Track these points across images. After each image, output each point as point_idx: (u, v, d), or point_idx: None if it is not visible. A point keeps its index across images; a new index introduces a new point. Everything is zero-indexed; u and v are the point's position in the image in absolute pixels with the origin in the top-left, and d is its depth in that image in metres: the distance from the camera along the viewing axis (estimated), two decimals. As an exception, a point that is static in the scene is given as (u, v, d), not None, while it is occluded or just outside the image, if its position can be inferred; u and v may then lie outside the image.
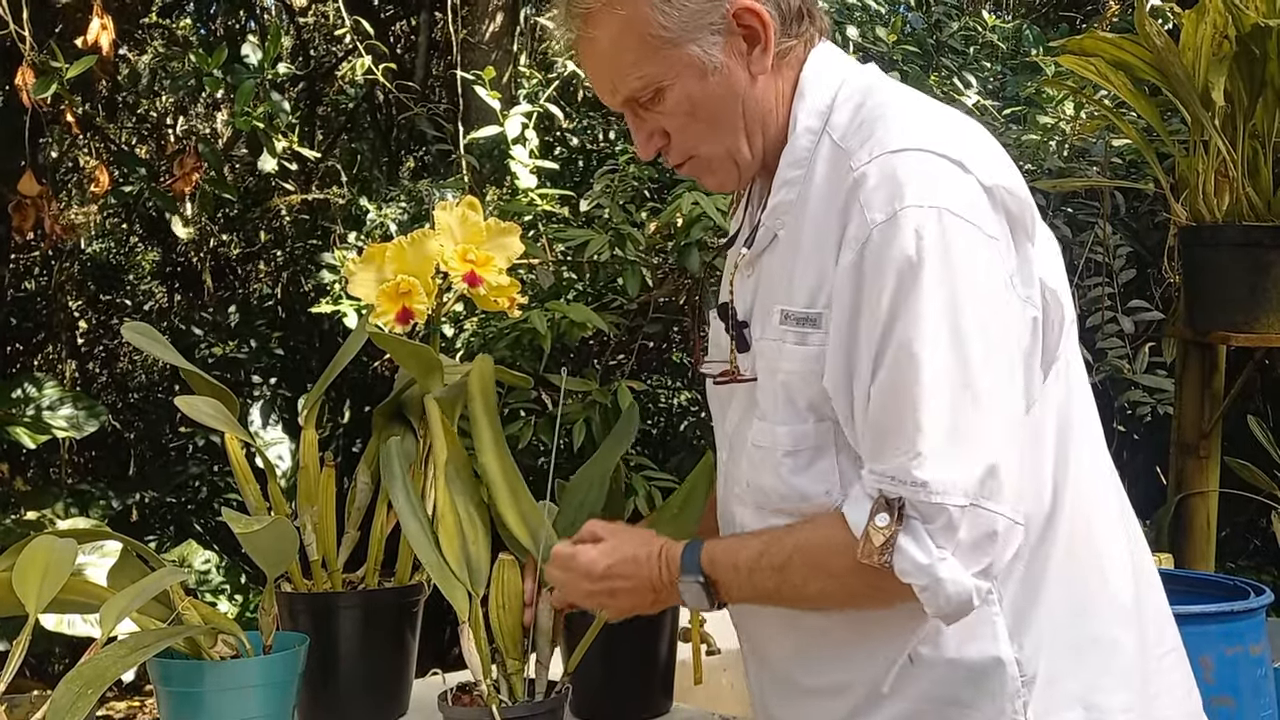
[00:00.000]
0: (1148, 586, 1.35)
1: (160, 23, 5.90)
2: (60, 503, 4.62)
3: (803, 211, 1.27)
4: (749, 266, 1.35)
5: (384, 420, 1.78)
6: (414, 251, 1.75)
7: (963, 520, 1.13)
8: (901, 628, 1.25)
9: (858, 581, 1.20)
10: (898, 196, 1.17)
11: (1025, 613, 1.24)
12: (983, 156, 1.23)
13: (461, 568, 1.55)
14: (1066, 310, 1.29)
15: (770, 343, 1.29)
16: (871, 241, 1.17)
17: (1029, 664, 1.24)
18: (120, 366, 6.70)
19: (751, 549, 1.28)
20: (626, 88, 1.30)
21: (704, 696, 2.00)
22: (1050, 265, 1.29)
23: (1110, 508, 1.34)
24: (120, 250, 6.78)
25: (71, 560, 1.36)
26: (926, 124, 1.24)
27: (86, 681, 1.23)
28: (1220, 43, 2.58)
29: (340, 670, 1.70)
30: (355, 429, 4.96)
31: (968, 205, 1.18)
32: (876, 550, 1.15)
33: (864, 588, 1.21)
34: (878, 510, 1.16)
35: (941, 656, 1.24)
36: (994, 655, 1.23)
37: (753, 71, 1.29)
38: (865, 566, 1.16)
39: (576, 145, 4.47)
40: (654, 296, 3.67)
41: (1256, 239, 2.67)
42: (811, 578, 1.24)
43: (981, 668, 1.24)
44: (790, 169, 1.29)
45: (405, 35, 6.43)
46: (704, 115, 1.30)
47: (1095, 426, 1.36)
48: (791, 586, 1.25)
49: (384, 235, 4.01)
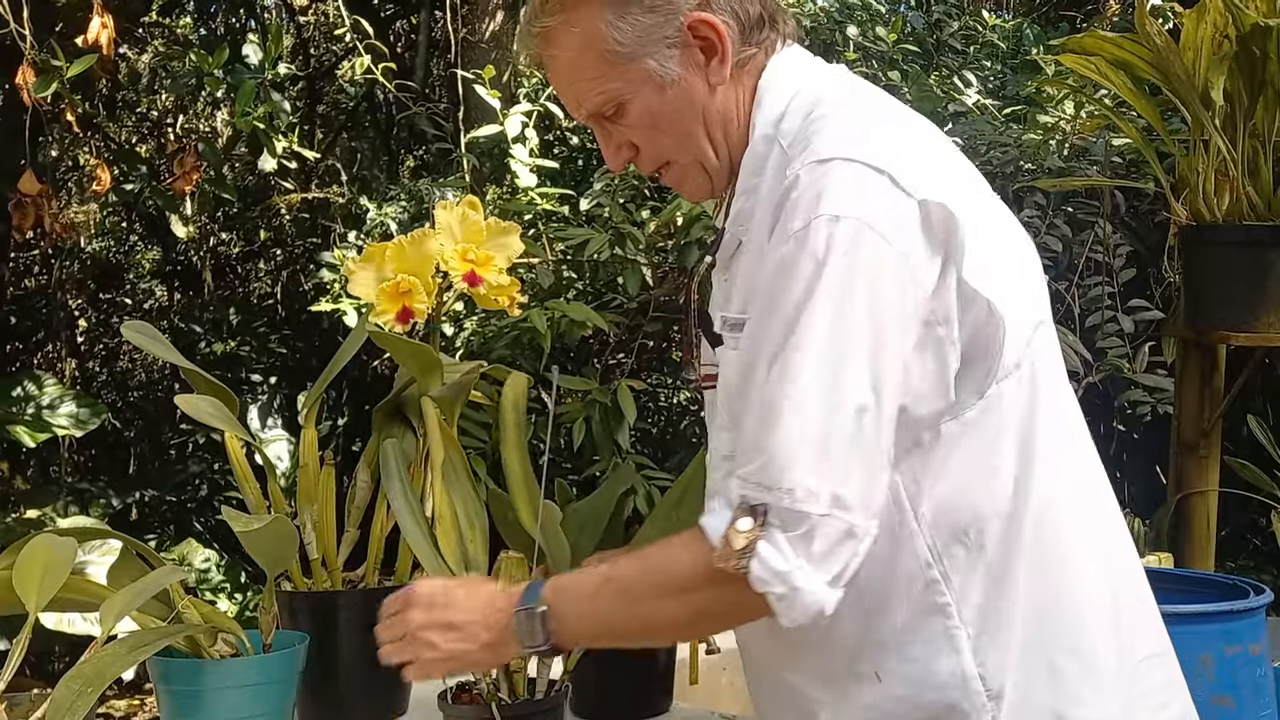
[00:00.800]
0: (1126, 593, 1.32)
1: (160, 21, 5.90)
2: (60, 501, 4.62)
3: (754, 218, 1.28)
4: (723, 271, 1.36)
5: (383, 419, 1.78)
6: (414, 250, 1.75)
7: (819, 528, 1.13)
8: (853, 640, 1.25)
9: (708, 596, 1.19)
10: (815, 206, 1.16)
11: (990, 624, 1.22)
12: (916, 169, 1.21)
13: (460, 567, 1.55)
14: (1023, 316, 1.25)
15: (721, 350, 1.31)
16: (787, 249, 1.17)
17: (994, 678, 1.21)
18: (120, 365, 6.70)
19: (597, 574, 1.27)
20: (589, 103, 1.32)
21: (703, 695, 2.00)
22: (998, 273, 1.24)
23: (1086, 513, 1.31)
24: (120, 249, 6.79)
25: (71, 559, 1.36)
26: (862, 134, 1.23)
27: (87, 680, 1.23)
28: (1220, 42, 2.58)
29: (340, 669, 1.70)
30: (355, 428, 4.97)
31: (885, 219, 1.16)
32: (735, 554, 1.13)
33: (714, 602, 1.19)
34: (740, 515, 1.14)
35: (904, 672, 1.23)
36: (957, 670, 1.22)
37: (711, 82, 1.29)
38: (716, 579, 1.15)
39: (576, 144, 4.47)
40: (654, 295, 3.67)
41: (1257, 238, 2.67)
42: (658, 597, 1.22)
43: (945, 683, 1.22)
44: (749, 176, 1.29)
45: (405, 34, 6.43)
46: (666, 126, 1.31)
47: (1070, 429, 1.32)
48: (636, 609, 1.24)
49: (384, 234, 4.02)
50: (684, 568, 1.19)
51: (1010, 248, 1.31)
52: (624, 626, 1.27)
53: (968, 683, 1.21)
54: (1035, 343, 1.27)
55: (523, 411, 1.70)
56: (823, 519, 1.13)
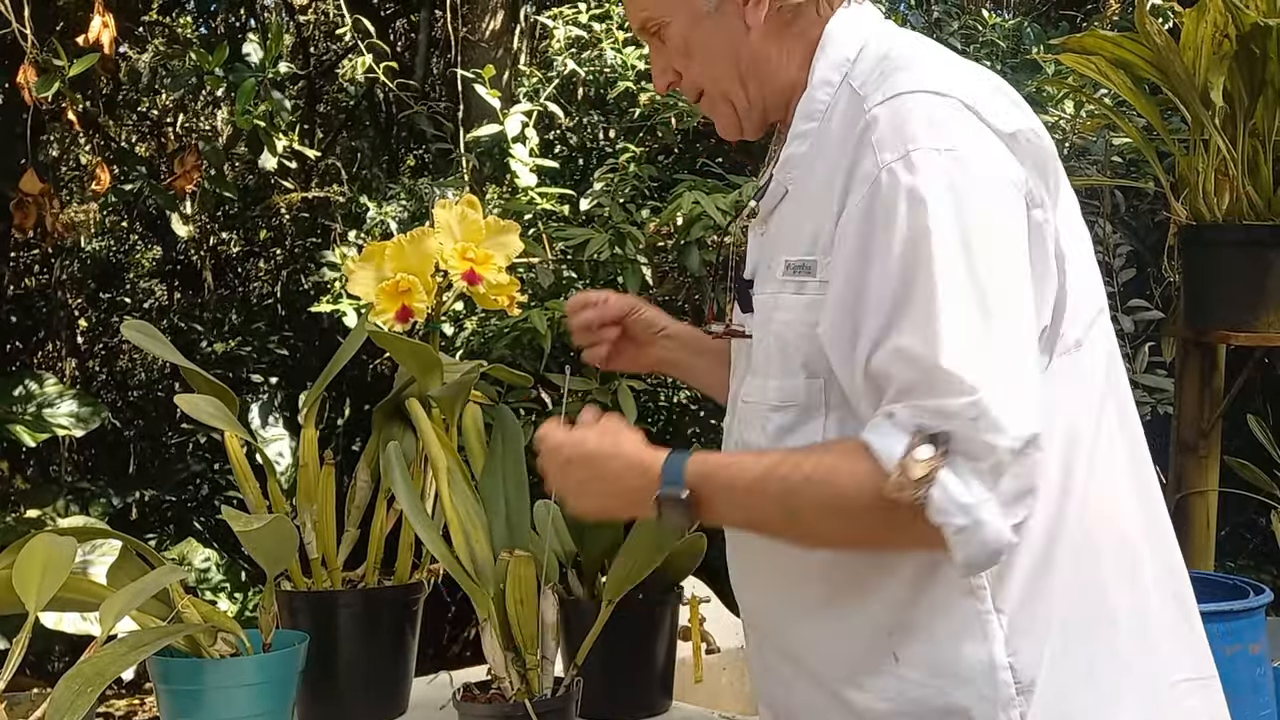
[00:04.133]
0: (1173, 608, 1.28)
1: (161, 20, 5.90)
2: (60, 500, 4.62)
3: (814, 163, 1.25)
4: (760, 224, 1.35)
5: (384, 419, 1.78)
6: (413, 250, 1.75)
7: (1010, 465, 1.07)
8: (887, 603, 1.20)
9: (877, 520, 1.12)
10: (910, 138, 1.14)
11: (1026, 614, 1.17)
12: (1002, 105, 1.20)
13: (470, 565, 1.54)
14: (1086, 293, 1.23)
15: (768, 296, 1.28)
16: (880, 184, 1.14)
17: (1026, 671, 1.16)
18: (120, 364, 6.70)
19: (754, 469, 1.19)
20: (635, 18, 1.37)
21: (704, 695, 2.01)
22: (1072, 235, 1.22)
23: (1138, 521, 1.26)
24: (120, 248, 6.79)
25: (71, 558, 1.36)
26: (945, 72, 1.21)
27: (86, 680, 1.23)
28: (1220, 41, 2.58)
29: (340, 669, 1.70)
30: (355, 427, 4.97)
31: (981, 149, 1.15)
32: (912, 484, 1.06)
33: (883, 528, 1.13)
34: (919, 443, 1.07)
35: (927, 655, 1.18)
36: (984, 658, 1.16)
37: (748, 23, 1.30)
38: (888, 506, 1.08)
39: (576, 144, 4.47)
40: (654, 296, 3.67)
41: (1257, 238, 2.67)
42: (824, 511, 1.15)
43: (970, 670, 1.17)
44: (804, 121, 1.28)
45: (405, 33, 6.43)
46: (698, 56, 1.33)
47: (1127, 430, 1.28)
48: (796, 518, 1.17)
49: (384, 233, 4.02)
50: (852, 488, 1.12)
51: (1078, 219, 1.28)
52: (774, 529, 1.22)
53: (995, 673, 1.16)
54: (1095, 330, 1.25)
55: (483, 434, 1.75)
56: (1013, 454, 1.07)
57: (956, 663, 1.17)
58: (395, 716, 1.75)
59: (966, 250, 1.11)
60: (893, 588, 1.19)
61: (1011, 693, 1.16)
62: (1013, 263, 1.14)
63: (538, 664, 1.53)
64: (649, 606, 1.77)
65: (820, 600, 1.25)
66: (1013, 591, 1.17)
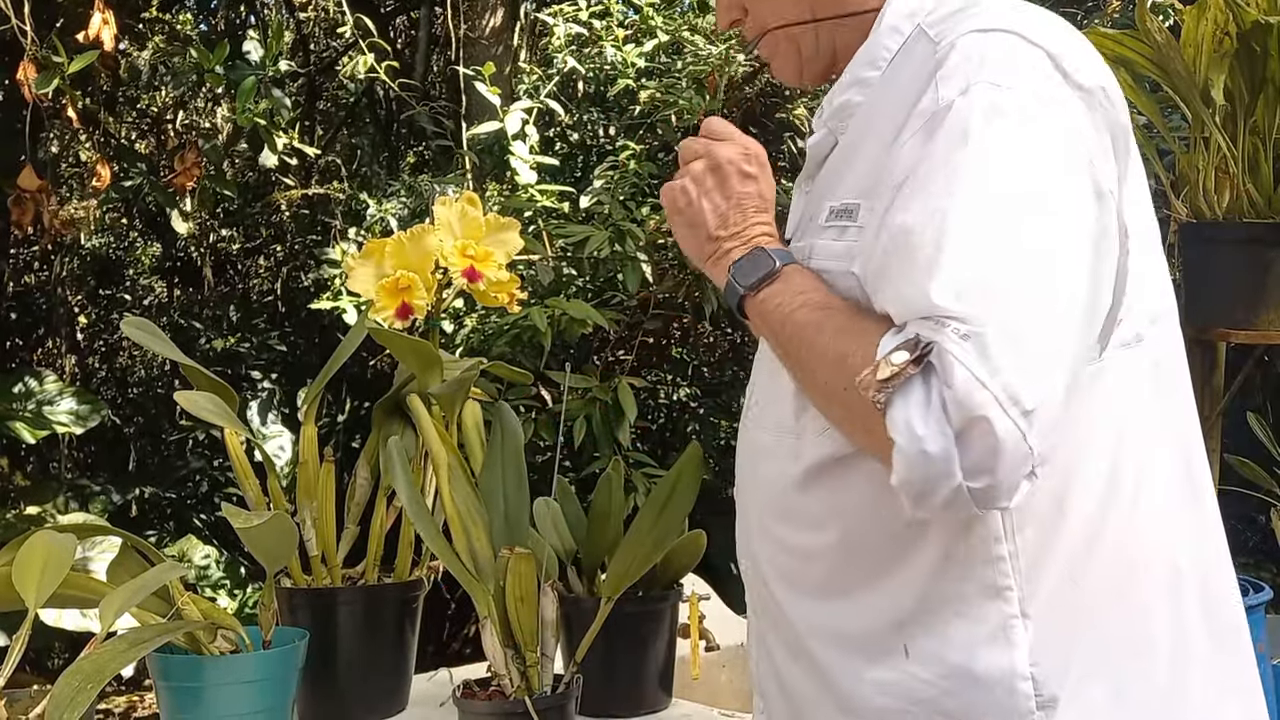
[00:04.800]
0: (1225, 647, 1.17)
1: (161, 18, 5.89)
2: (60, 497, 4.62)
3: (872, 113, 1.17)
4: (807, 180, 1.27)
5: (383, 416, 1.78)
6: (413, 247, 1.75)
7: (984, 414, 0.95)
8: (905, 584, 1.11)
9: (849, 404, 1.05)
10: (978, 73, 1.06)
11: (1056, 625, 1.08)
12: (1085, 58, 1.10)
13: (470, 562, 1.55)
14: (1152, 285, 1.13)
15: (805, 244, 1.20)
16: (937, 117, 1.06)
17: (1048, 684, 1.06)
18: (120, 361, 6.70)
19: (810, 302, 1.12)
20: None
21: (703, 692, 2.01)
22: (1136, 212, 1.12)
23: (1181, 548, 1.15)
24: (120, 245, 6.78)
25: (71, 555, 1.36)
26: (1027, 17, 1.12)
27: (86, 676, 1.23)
28: (1221, 39, 2.58)
29: (340, 666, 1.70)
30: (355, 424, 4.97)
31: (1051, 96, 1.06)
32: (876, 383, 0.99)
33: (851, 414, 1.06)
34: (901, 347, 0.99)
35: (941, 654, 1.09)
36: (1005, 665, 1.07)
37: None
38: (858, 394, 1.02)
39: (577, 141, 4.47)
40: (654, 293, 3.67)
41: (1257, 235, 2.66)
42: (820, 377, 1.09)
43: (987, 676, 1.07)
44: (866, 68, 1.20)
45: (405, 30, 6.43)
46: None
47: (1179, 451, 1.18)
48: (809, 355, 1.11)
49: (384, 230, 4.02)
50: (842, 366, 1.05)
51: (1147, 201, 1.18)
52: (794, 358, 1.15)
53: (1014, 683, 1.06)
54: (1159, 329, 1.16)
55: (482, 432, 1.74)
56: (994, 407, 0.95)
57: (973, 666, 1.08)
58: (395, 713, 1.75)
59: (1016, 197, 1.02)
60: (908, 576, 1.10)
61: (1031, 705, 1.07)
62: (1066, 223, 1.03)
63: (537, 661, 1.53)
64: (649, 604, 1.77)
65: (825, 579, 1.17)
66: (1043, 598, 1.08)
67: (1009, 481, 0.97)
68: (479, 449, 1.71)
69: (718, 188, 1.22)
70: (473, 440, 1.73)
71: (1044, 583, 1.08)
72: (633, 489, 3.29)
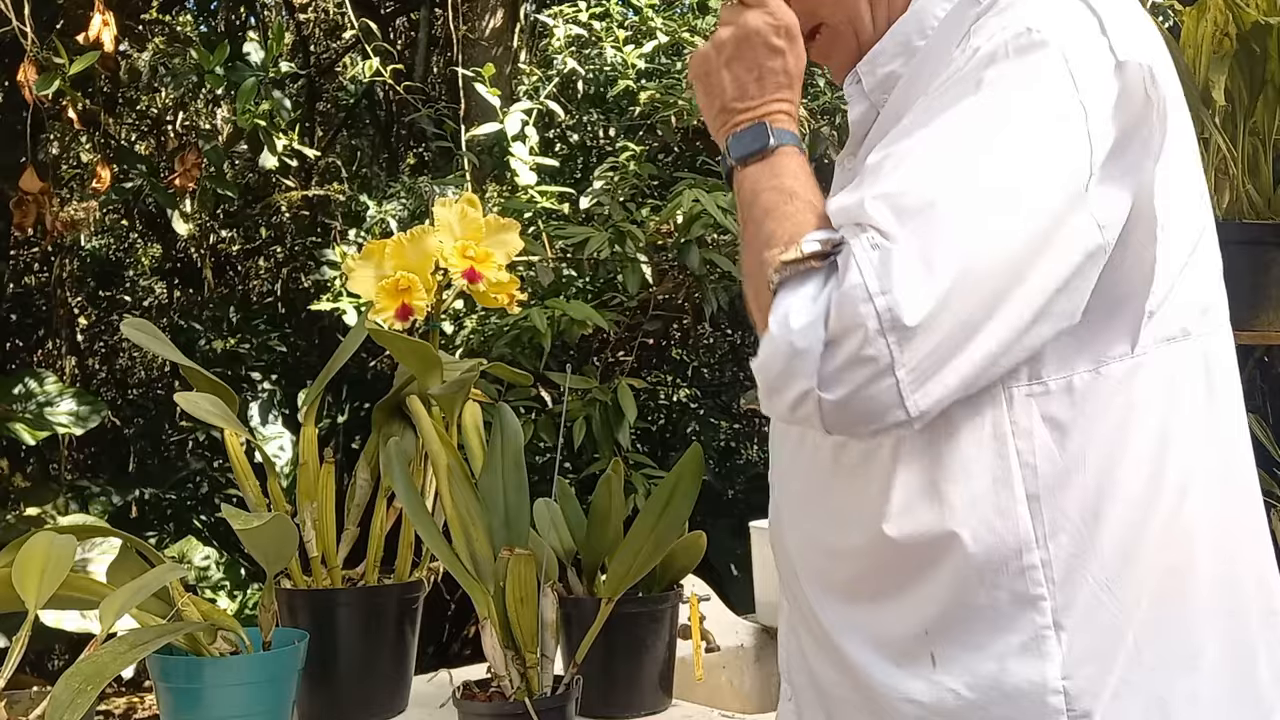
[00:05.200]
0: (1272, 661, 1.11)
1: (161, 19, 5.89)
2: (60, 499, 4.62)
3: (913, 81, 1.14)
4: (849, 155, 1.24)
5: (384, 417, 1.78)
6: (413, 248, 1.75)
7: (861, 325, 0.93)
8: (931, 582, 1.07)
9: (760, 276, 1.03)
10: (1010, 23, 1.02)
11: (1092, 636, 1.03)
12: (1132, 29, 1.04)
13: (470, 563, 1.55)
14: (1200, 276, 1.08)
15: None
16: (956, 64, 1.03)
17: (1082, 699, 1.01)
18: (120, 363, 6.70)
19: (780, 186, 1.10)
20: None
21: (703, 694, 2.01)
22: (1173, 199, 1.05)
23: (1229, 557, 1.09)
24: (120, 246, 6.78)
25: (71, 556, 1.36)
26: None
27: (86, 678, 1.23)
28: (1221, 40, 2.58)
29: (339, 667, 1.70)
30: (355, 426, 4.97)
31: (1083, 60, 1.00)
32: (777, 265, 0.98)
33: (760, 284, 1.03)
34: (820, 241, 0.98)
35: (969, 664, 1.04)
36: (1036, 678, 1.02)
37: None
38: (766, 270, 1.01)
39: (577, 142, 4.47)
40: (654, 294, 3.67)
41: (1257, 236, 2.66)
42: (760, 244, 1.06)
43: (1015, 690, 1.02)
44: (915, 36, 1.17)
45: (405, 31, 6.43)
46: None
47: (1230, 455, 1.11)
48: (753, 235, 1.08)
49: (384, 231, 4.02)
50: (776, 239, 1.03)
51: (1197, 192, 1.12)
52: (744, 236, 1.12)
53: (1045, 696, 1.02)
54: (1209, 325, 1.10)
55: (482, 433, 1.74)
56: (867, 319, 0.93)
57: (1002, 678, 1.03)
58: (395, 714, 1.75)
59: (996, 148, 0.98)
60: (937, 583, 1.06)
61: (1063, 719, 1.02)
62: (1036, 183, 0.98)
63: (537, 662, 1.53)
64: (649, 605, 1.77)
65: (854, 580, 1.13)
66: (1078, 608, 1.03)
67: (864, 408, 0.95)
68: (479, 450, 1.71)
69: (740, 59, 1.18)
70: (472, 442, 1.74)
71: (1079, 593, 1.03)
72: (633, 490, 3.29)
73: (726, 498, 4.25)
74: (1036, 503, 1.03)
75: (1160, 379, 1.05)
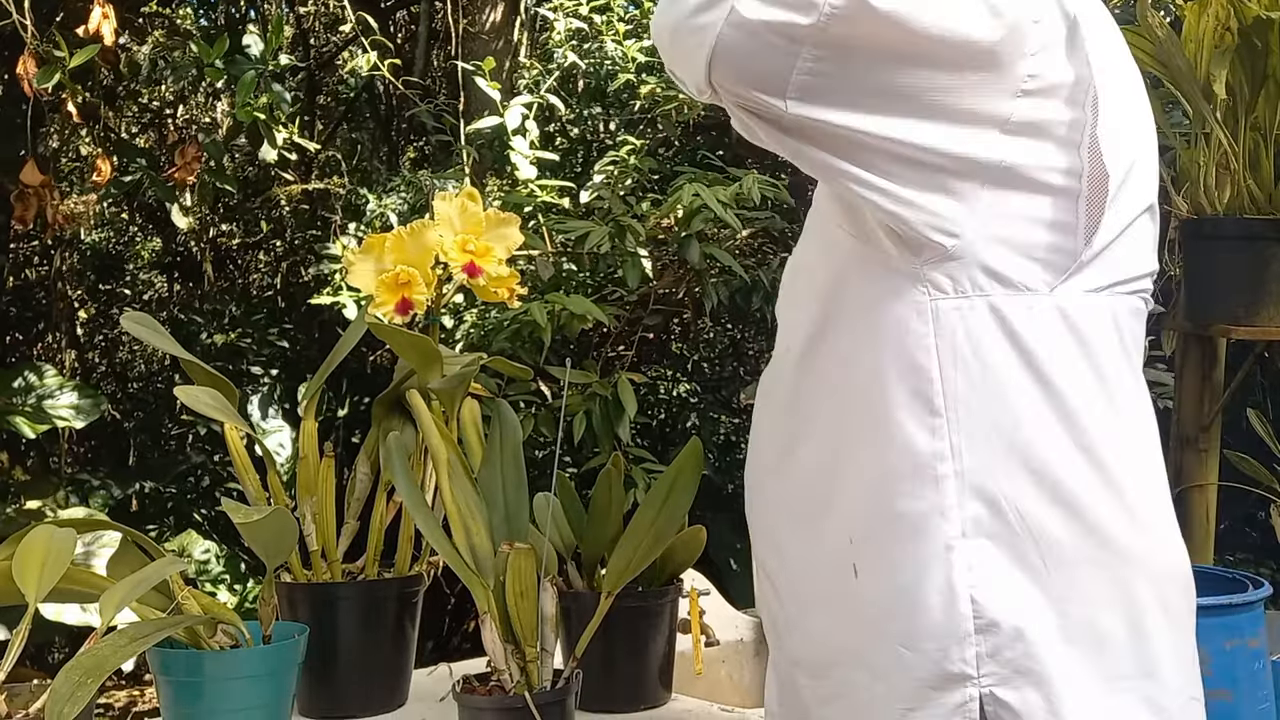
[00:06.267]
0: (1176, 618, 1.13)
1: (160, 12, 5.89)
2: (60, 492, 4.62)
3: None
4: None
5: (383, 411, 1.78)
6: (413, 242, 1.75)
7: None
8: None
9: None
10: None
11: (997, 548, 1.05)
12: None
13: (469, 557, 1.55)
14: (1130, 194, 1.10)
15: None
16: None
17: (989, 606, 1.04)
18: (120, 356, 6.70)
19: None
20: None
21: (703, 688, 2.01)
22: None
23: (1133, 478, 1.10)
24: (120, 240, 6.78)
25: (71, 550, 1.36)
26: None
27: (86, 671, 1.23)
28: (1222, 34, 2.57)
29: (339, 660, 1.70)
30: (355, 419, 4.97)
31: None
32: None
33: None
34: None
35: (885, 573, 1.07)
36: (942, 585, 1.05)
37: None
38: None
39: (577, 136, 4.46)
40: (654, 288, 3.67)
41: (1257, 232, 2.66)
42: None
43: (926, 598, 1.05)
44: None
45: (405, 25, 6.42)
46: None
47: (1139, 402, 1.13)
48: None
49: (384, 225, 4.01)
50: None
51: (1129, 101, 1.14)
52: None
53: (954, 604, 1.04)
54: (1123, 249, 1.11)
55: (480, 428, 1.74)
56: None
57: (914, 587, 1.06)
58: (395, 708, 1.75)
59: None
60: (855, 494, 1.10)
61: (969, 628, 1.04)
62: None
63: (537, 656, 1.53)
64: (649, 599, 1.77)
65: (806, 494, 1.16)
66: (985, 520, 1.05)
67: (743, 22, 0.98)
68: (478, 445, 1.71)
69: None
70: (471, 437, 1.73)
71: (984, 505, 1.05)
72: (632, 484, 3.29)
73: (726, 492, 4.25)
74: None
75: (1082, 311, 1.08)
